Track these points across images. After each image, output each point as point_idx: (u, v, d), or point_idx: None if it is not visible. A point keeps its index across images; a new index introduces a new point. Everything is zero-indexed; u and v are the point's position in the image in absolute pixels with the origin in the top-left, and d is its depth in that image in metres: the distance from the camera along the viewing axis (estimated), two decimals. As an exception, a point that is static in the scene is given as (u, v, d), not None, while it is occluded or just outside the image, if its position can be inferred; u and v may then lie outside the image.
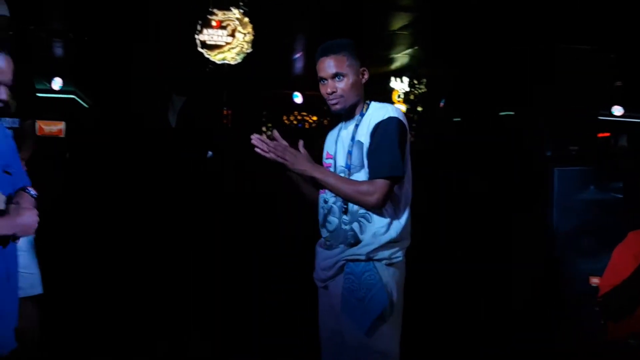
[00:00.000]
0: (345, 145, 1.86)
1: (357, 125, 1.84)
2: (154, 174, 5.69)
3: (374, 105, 1.86)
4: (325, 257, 1.86)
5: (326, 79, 1.83)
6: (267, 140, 1.76)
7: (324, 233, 1.89)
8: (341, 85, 1.81)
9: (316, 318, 1.95)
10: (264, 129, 10.67)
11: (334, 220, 1.84)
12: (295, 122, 10.86)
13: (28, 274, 2.26)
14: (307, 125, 10.96)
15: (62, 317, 3.07)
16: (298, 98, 9.90)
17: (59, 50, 8.00)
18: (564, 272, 2.75)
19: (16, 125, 2.33)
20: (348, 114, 1.86)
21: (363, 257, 1.77)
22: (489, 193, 4.83)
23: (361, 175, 1.79)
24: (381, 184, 1.73)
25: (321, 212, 1.90)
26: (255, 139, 1.75)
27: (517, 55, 6.40)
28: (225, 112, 8.63)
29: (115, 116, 8.12)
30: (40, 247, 2.34)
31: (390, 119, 1.77)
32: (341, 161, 1.86)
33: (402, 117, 1.80)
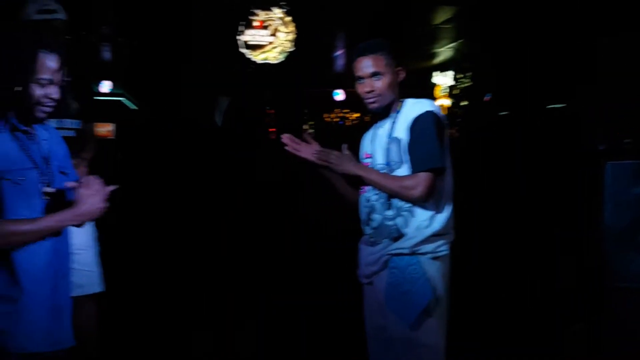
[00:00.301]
0: (383, 143, 1.89)
1: (393, 123, 1.87)
2: (204, 172, 5.80)
3: (410, 102, 1.89)
4: (369, 253, 1.88)
5: (364, 78, 1.87)
6: (304, 143, 1.85)
7: (367, 230, 1.91)
8: (379, 84, 1.85)
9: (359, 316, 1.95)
10: (305, 127, 10.73)
11: (377, 217, 1.87)
12: (336, 120, 10.86)
13: (89, 271, 2.36)
14: (348, 123, 10.94)
15: (119, 315, 3.18)
16: (339, 95, 9.89)
17: (107, 54, 8.27)
18: (618, 269, 2.65)
19: (78, 127, 2.43)
20: (384, 112, 1.89)
21: (407, 251, 1.79)
22: (534, 188, 4.70)
23: (402, 171, 1.82)
24: (424, 176, 1.76)
25: (364, 210, 1.92)
26: (285, 138, 1.85)
27: (565, 44, 6.19)
28: (267, 111, 8.72)
29: (163, 117, 8.33)
30: (101, 246, 2.43)
31: (427, 112, 1.81)
32: (380, 159, 1.90)
33: (438, 111, 1.85)
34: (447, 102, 9.47)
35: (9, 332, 1.40)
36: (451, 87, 9.65)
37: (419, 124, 1.80)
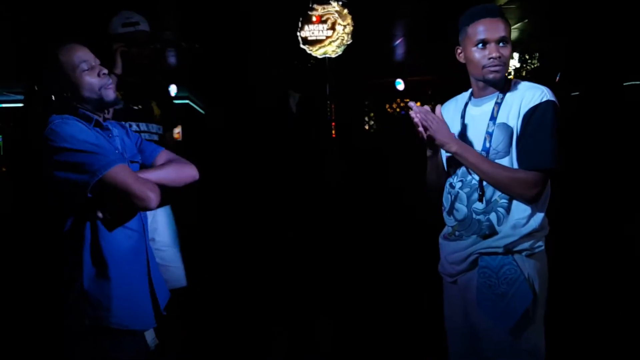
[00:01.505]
0: (481, 125, 1.68)
1: (498, 104, 1.65)
2: (275, 170, 5.88)
3: (524, 85, 1.67)
4: (453, 250, 1.73)
5: (489, 42, 1.63)
6: (420, 108, 1.67)
7: (451, 221, 1.75)
8: (505, 52, 1.64)
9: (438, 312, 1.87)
10: (366, 118, 10.65)
11: (461, 208, 1.70)
12: (398, 110, 10.72)
13: (174, 267, 2.49)
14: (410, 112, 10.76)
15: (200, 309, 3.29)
16: (400, 85, 9.75)
17: (172, 59, 8.56)
18: None
19: (160, 132, 2.55)
20: (483, 89, 1.70)
21: (501, 250, 1.62)
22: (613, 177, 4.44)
23: (505, 162, 1.62)
24: (542, 176, 1.58)
25: (447, 197, 1.76)
26: (413, 105, 1.69)
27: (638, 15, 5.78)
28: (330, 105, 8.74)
29: (231, 117, 8.51)
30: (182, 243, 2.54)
31: (549, 102, 1.59)
32: (474, 142, 1.69)
33: (557, 102, 1.62)
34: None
35: (107, 308, 1.51)
36: (517, 70, 9.27)
37: (539, 114, 1.58)
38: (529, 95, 1.63)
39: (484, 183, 1.65)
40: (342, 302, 3.53)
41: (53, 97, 1.56)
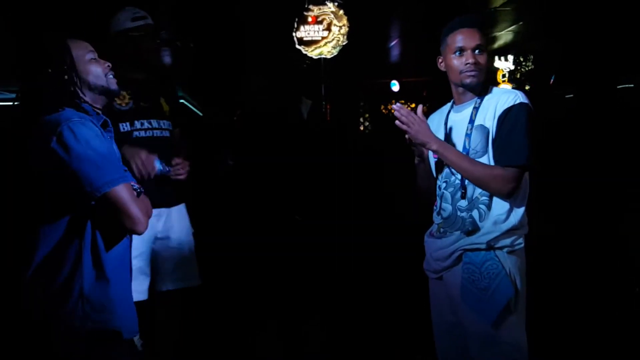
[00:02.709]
0: (461, 128, 1.79)
1: (476, 108, 1.77)
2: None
3: (498, 90, 1.80)
4: (438, 247, 1.81)
5: (466, 50, 1.76)
6: (402, 108, 1.77)
7: (437, 219, 1.85)
8: (481, 59, 1.76)
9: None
10: (361, 119, 10.66)
11: (447, 207, 1.80)
12: (393, 111, 10.73)
13: (189, 266, 2.49)
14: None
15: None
16: (395, 86, 9.77)
17: (167, 58, 8.54)
18: None
19: (171, 128, 2.54)
20: (462, 94, 1.81)
21: (483, 246, 1.71)
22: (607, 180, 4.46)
23: (483, 161, 1.73)
24: (517, 172, 1.68)
25: (438, 199, 1.87)
26: (396, 106, 1.79)
27: (637, 16, 5.82)
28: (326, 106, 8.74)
29: (230, 115, 8.47)
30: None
31: (521, 105, 1.70)
32: (456, 146, 1.80)
33: (530, 104, 1.72)
34: (508, 87, 9.16)
35: (111, 311, 1.49)
36: (512, 72, 9.31)
37: (512, 115, 1.69)
38: (504, 98, 1.74)
39: (466, 182, 1.75)
40: (335, 301, 3.53)
41: (57, 89, 1.52)
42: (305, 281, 3.83)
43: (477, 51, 1.76)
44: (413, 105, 10.68)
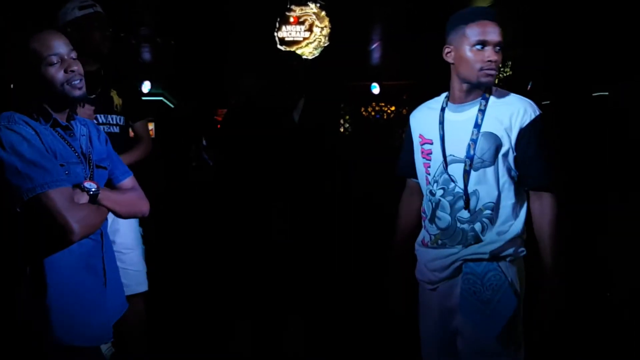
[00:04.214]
0: (463, 132, 1.64)
1: (482, 111, 1.62)
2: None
3: (504, 94, 1.66)
4: (435, 257, 1.70)
5: (488, 45, 1.59)
6: None
7: (432, 229, 1.71)
8: (499, 57, 1.60)
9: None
10: (341, 121, 10.68)
11: (444, 216, 1.67)
12: (373, 114, 10.78)
13: (135, 271, 2.40)
14: (385, 116, 10.84)
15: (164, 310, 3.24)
16: (376, 89, 9.81)
17: (147, 55, 8.44)
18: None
19: (122, 123, 2.44)
20: (467, 93, 1.66)
21: (487, 256, 1.60)
22: (581, 184, 4.54)
23: (490, 172, 1.60)
24: (555, 199, 1.61)
25: (428, 205, 1.72)
26: None
27: (611, 28, 5.94)
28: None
29: (203, 114, 8.40)
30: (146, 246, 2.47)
31: (541, 117, 1.59)
32: (455, 150, 1.65)
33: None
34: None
35: (43, 324, 1.40)
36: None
37: (538, 131, 1.58)
38: (518, 109, 1.61)
39: (469, 191, 1.63)
40: (313, 300, 3.51)
41: (14, 90, 1.46)
42: (284, 280, 3.81)
43: (497, 48, 1.60)
44: (393, 108, 10.74)
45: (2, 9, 4.47)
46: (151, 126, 9.90)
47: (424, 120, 1.76)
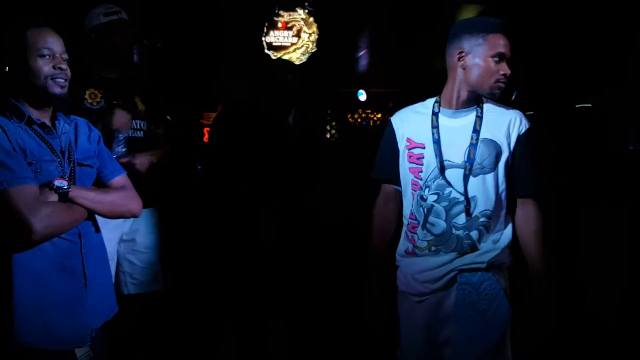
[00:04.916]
0: (461, 137, 1.65)
1: (479, 117, 1.63)
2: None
3: (496, 104, 1.70)
4: (425, 268, 1.67)
5: (505, 59, 1.63)
6: None
7: (425, 235, 1.67)
8: (509, 70, 1.64)
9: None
10: (328, 127, 10.70)
11: (439, 222, 1.64)
12: (359, 120, 10.82)
13: (152, 270, 2.46)
14: (371, 123, 10.89)
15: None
16: (362, 96, 9.85)
17: (135, 57, 8.38)
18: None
19: (145, 128, 2.48)
20: (466, 100, 1.67)
21: (484, 266, 1.60)
22: (565, 194, 4.60)
23: (489, 178, 1.61)
24: (540, 208, 1.64)
25: (419, 210, 1.68)
26: None
27: (594, 41, 6.05)
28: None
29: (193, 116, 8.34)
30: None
31: (533, 128, 1.65)
32: (452, 155, 1.65)
33: None
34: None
35: (8, 325, 1.38)
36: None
37: (532, 141, 1.63)
38: (514, 118, 1.66)
39: (470, 196, 1.62)
40: (298, 306, 3.50)
41: None
42: (270, 286, 3.80)
43: (506, 62, 1.65)
44: (379, 115, 10.78)
45: (2, 9, 4.43)
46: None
47: (412, 123, 1.74)
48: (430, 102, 1.75)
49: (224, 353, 2.94)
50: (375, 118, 11.09)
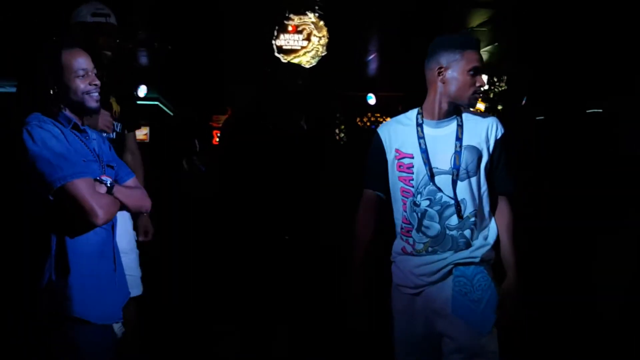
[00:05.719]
0: (446, 145, 1.79)
1: (460, 126, 1.80)
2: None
3: (472, 112, 1.86)
4: (423, 263, 1.80)
5: (479, 73, 1.77)
6: None
7: (421, 238, 1.80)
8: (485, 83, 1.83)
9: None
10: (337, 131, 10.71)
11: (433, 225, 1.78)
12: (368, 124, 10.83)
13: (129, 275, 2.41)
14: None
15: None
16: (372, 99, 9.86)
17: (143, 59, 8.45)
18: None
19: (118, 130, 2.48)
20: (447, 111, 1.82)
21: (477, 260, 1.76)
22: (576, 202, 4.56)
23: (474, 181, 1.78)
24: (512, 204, 1.81)
25: (413, 216, 1.81)
26: None
27: (604, 46, 6.01)
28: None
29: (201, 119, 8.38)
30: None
31: (507, 132, 1.80)
32: (439, 162, 1.79)
33: None
34: (481, 106, 9.32)
35: (72, 299, 1.60)
36: (486, 92, 9.49)
37: (507, 143, 1.80)
38: (490, 123, 1.81)
39: (459, 199, 1.76)
40: (303, 311, 3.50)
41: (40, 94, 1.65)
42: (274, 290, 3.80)
43: (482, 74, 1.80)
44: (388, 119, 10.78)
45: (2, 9, 4.48)
46: (145, 130, 9.90)
47: (399, 135, 1.87)
48: (413, 113, 1.88)
49: (223, 353, 2.95)
50: (384, 121, 11.08)
